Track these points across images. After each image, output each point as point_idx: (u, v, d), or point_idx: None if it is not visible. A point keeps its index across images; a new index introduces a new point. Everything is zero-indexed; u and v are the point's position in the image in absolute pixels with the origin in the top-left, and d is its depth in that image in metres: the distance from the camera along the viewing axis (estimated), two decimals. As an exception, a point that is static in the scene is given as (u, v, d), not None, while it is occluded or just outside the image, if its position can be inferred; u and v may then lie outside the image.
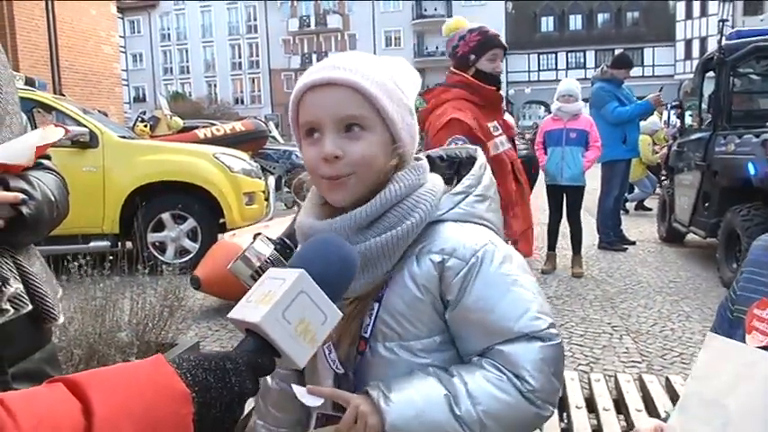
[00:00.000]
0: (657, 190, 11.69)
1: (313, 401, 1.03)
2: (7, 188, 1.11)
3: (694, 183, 6.59)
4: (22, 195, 1.11)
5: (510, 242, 2.93)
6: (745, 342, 0.91)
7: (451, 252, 1.05)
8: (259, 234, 1.97)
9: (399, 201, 1.05)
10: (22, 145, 1.16)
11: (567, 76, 34.27)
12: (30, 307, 1.18)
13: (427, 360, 1.07)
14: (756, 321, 0.91)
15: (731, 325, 1.01)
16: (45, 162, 1.30)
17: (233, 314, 0.84)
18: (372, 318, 1.07)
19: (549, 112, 6.91)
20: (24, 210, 1.11)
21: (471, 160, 1.21)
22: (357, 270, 0.91)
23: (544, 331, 1.03)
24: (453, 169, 1.23)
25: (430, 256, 1.06)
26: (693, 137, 7.00)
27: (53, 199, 1.23)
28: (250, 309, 0.82)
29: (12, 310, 1.14)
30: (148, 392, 0.67)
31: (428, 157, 1.23)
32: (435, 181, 1.14)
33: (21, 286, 1.17)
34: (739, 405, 0.77)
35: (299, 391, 1.04)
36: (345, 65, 1.05)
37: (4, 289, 1.12)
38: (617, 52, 8.61)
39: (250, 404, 2.31)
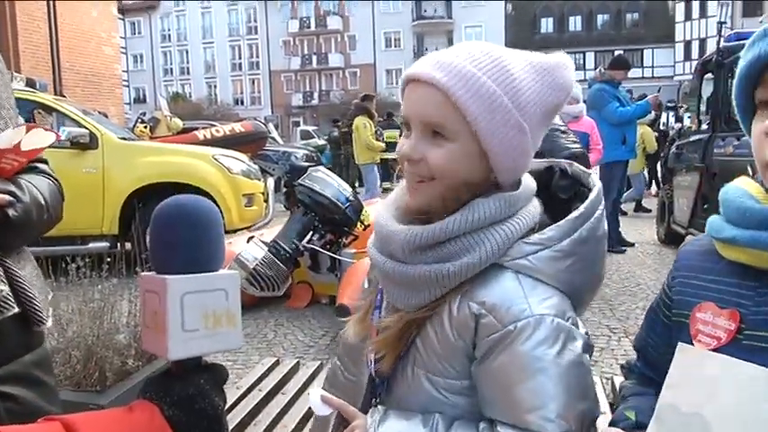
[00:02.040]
0: (654, 190, 11.72)
1: (322, 410, 1.02)
2: None
3: (693, 184, 6.59)
4: (8, 198, 1.10)
5: None
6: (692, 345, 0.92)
7: (491, 309, 0.95)
8: (252, 237, 1.98)
9: (466, 232, 0.96)
10: (7, 135, 1.13)
11: (566, 77, 33.98)
12: (15, 309, 1.18)
13: (447, 400, 1.00)
14: (701, 325, 0.93)
15: (671, 329, 1.01)
16: (41, 166, 1.28)
17: (146, 346, 0.78)
18: (409, 340, 1.02)
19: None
20: (10, 212, 1.09)
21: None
22: (217, 219, 0.79)
23: None
24: (571, 192, 1.08)
25: (470, 302, 0.96)
26: (692, 138, 7.01)
27: (43, 203, 1.21)
28: (154, 338, 0.75)
29: None
30: None
31: (549, 168, 1.12)
32: (525, 214, 1.00)
33: (7, 288, 1.16)
34: (716, 413, 0.78)
35: (314, 396, 1.03)
36: (447, 59, 0.96)
37: None
38: (616, 53, 8.62)
39: (249, 408, 2.31)
